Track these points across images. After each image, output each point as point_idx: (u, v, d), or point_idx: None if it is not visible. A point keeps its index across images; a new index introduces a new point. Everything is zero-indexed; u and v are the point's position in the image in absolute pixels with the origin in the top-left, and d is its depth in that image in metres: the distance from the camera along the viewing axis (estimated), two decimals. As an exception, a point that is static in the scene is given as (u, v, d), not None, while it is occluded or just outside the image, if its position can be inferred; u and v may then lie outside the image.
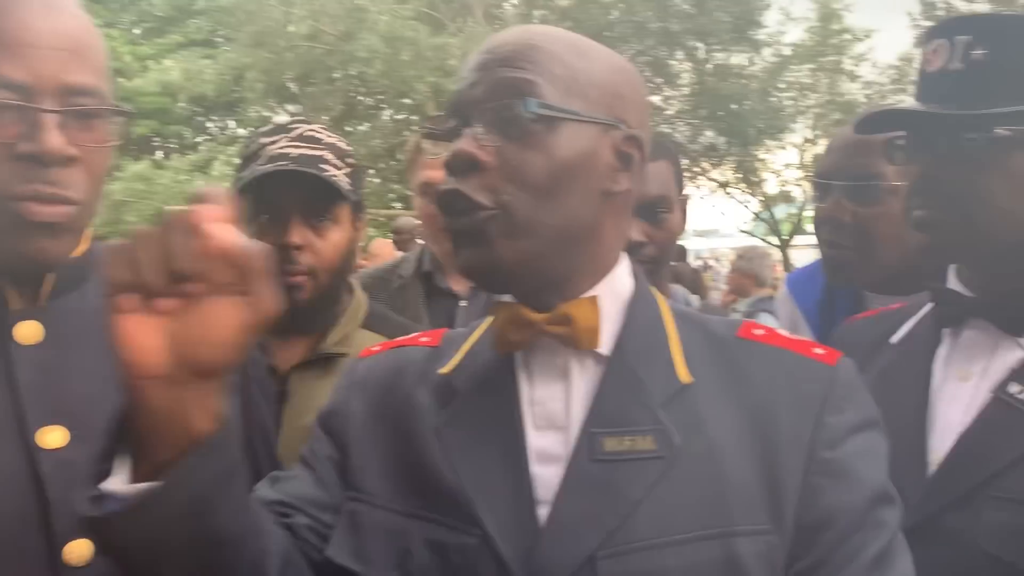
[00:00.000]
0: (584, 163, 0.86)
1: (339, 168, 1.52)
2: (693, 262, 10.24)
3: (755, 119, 18.11)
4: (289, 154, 1.46)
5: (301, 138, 1.49)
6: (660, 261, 1.62)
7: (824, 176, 1.64)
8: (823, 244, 1.67)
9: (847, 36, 22.32)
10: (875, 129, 1.25)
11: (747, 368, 0.89)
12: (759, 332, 0.93)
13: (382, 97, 18.73)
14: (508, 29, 0.91)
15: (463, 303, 2.05)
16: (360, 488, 0.93)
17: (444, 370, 0.95)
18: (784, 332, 0.94)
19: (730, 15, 17.66)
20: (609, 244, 0.92)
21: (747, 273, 5.38)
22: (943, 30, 1.13)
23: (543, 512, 0.84)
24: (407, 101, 18.22)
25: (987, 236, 1.10)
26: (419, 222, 2.48)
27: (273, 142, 1.48)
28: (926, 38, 1.17)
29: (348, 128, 20.15)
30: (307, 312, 1.50)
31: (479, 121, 0.85)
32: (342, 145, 1.54)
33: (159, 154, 20.89)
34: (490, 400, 0.91)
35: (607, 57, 0.91)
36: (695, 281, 6.70)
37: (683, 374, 0.88)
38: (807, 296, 1.89)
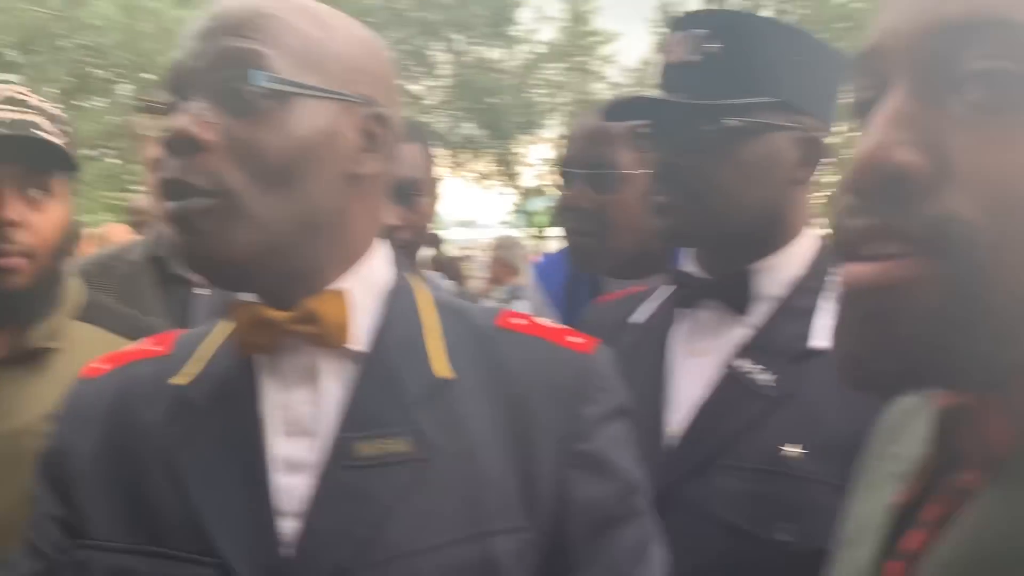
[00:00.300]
0: (323, 143, 0.77)
1: (54, 135, 1.32)
2: (454, 251, 10.37)
3: (511, 113, 18.69)
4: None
5: (5, 100, 1.29)
6: (415, 245, 1.61)
7: (567, 165, 1.68)
8: (567, 231, 1.71)
9: (595, 38, 23.68)
10: (622, 117, 1.28)
11: (505, 359, 0.85)
12: (517, 321, 0.89)
13: (119, 70, 17.23)
14: None
15: (198, 291, 1.90)
16: (89, 535, 0.83)
17: (179, 381, 0.85)
18: (542, 320, 0.92)
19: (487, 9, 18.06)
20: (359, 231, 0.84)
21: (504, 262, 5.53)
22: (684, 23, 1.17)
23: (290, 526, 0.77)
24: (148, 76, 16.90)
25: (718, 221, 1.15)
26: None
27: None
28: (670, 30, 1.20)
29: (79, 103, 18.39)
30: (23, 299, 1.31)
31: (202, 95, 0.75)
32: (53, 110, 1.35)
33: None
34: (230, 410, 0.82)
35: (350, 29, 0.83)
36: (454, 269, 6.77)
37: (443, 369, 0.83)
38: (553, 282, 1.94)
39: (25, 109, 1.30)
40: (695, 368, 1.17)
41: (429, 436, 0.79)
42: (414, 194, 1.58)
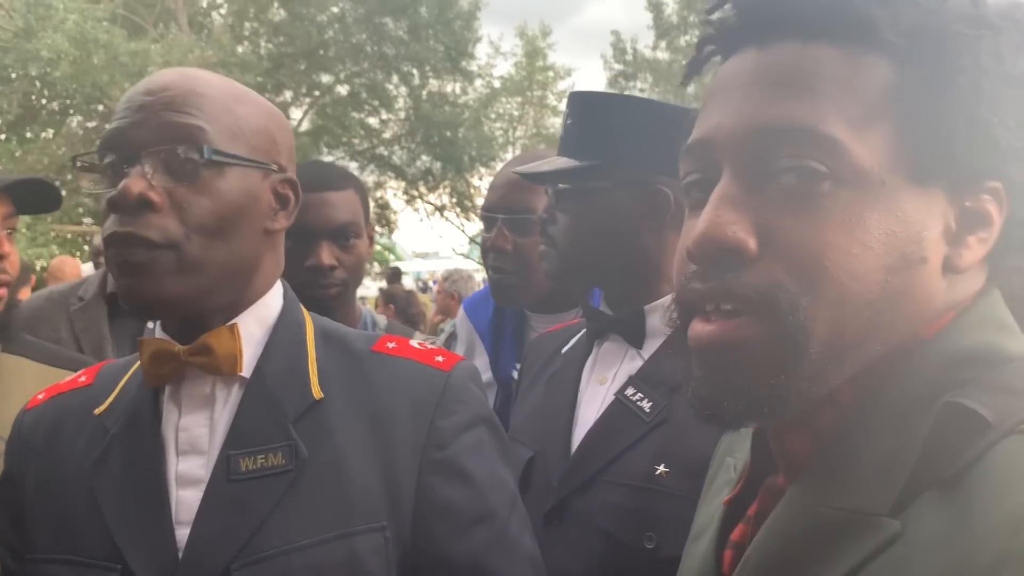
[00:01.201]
0: (248, 204, 0.92)
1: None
2: (412, 283, 10.39)
3: (468, 147, 18.84)
4: None
5: None
6: (349, 283, 1.69)
7: (489, 210, 1.84)
8: (489, 270, 1.85)
9: (551, 73, 24.06)
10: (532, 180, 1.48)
11: (374, 379, 0.96)
12: (391, 345, 1.00)
13: (69, 102, 17.04)
14: (164, 72, 0.93)
15: (151, 324, 1.96)
16: (35, 548, 0.96)
17: (98, 411, 0.98)
18: (415, 343, 1.03)
19: (443, 44, 18.25)
20: (265, 276, 0.98)
21: (452, 294, 5.62)
22: (568, 100, 1.39)
23: (183, 534, 0.89)
24: (100, 108, 16.74)
25: (579, 267, 1.34)
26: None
27: None
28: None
29: (28, 134, 18.11)
30: None
31: (147, 162, 0.87)
32: None
33: None
34: (138, 434, 0.94)
35: (261, 104, 0.98)
36: (408, 301, 6.79)
37: (315, 391, 0.94)
38: (481, 317, 2.07)
39: None
40: (597, 394, 1.31)
41: (301, 450, 0.90)
42: (352, 236, 1.67)
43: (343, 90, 19.10)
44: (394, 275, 9.05)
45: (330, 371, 0.96)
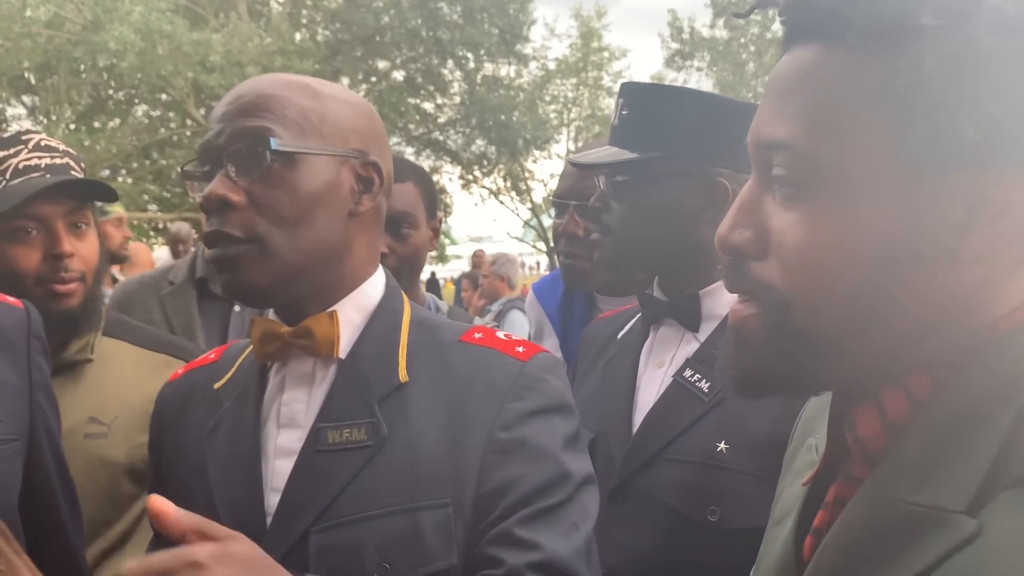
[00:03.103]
0: (327, 191, 0.97)
1: (80, 173, 1.52)
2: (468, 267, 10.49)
3: (522, 130, 18.85)
4: (39, 165, 1.45)
5: (40, 148, 1.47)
6: (401, 272, 1.74)
7: (561, 197, 1.90)
8: (560, 255, 1.92)
9: (606, 54, 23.90)
10: (589, 171, 1.53)
11: (456, 366, 1.01)
12: (478, 336, 1.05)
13: (135, 92, 17.51)
14: (245, 82, 1.01)
15: (237, 308, 2.09)
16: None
17: (217, 385, 1.07)
18: (502, 335, 1.07)
19: (498, 28, 18.26)
20: (360, 259, 1.03)
21: (501, 277, 5.71)
22: (620, 90, 1.42)
23: (275, 500, 0.96)
24: (164, 97, 17.17)
25: (632, 256, 1.38)
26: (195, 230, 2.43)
27: (12, 154, 1.45)
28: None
29: (96, 124, 18.68)
30: (75, 318, 1.48)
31: (229, 166, 0.95)
32: (72, 152, 1.55)
33: None
34: (246, 407, 1.02)
35: (340, 95, 1.03)
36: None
37: (402, 374, 1.00)
38: (550, 300, 2.14)
39: (55, 154, 1.48)
40: (655, 377, 1.36)
41: (382, 428, 0.96)
42: (406, 227, 1.75)
43: (399, 75, 19.25)
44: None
45: (418, 356, 1.01)
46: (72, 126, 17.98)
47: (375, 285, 1.05)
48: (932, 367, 0.59)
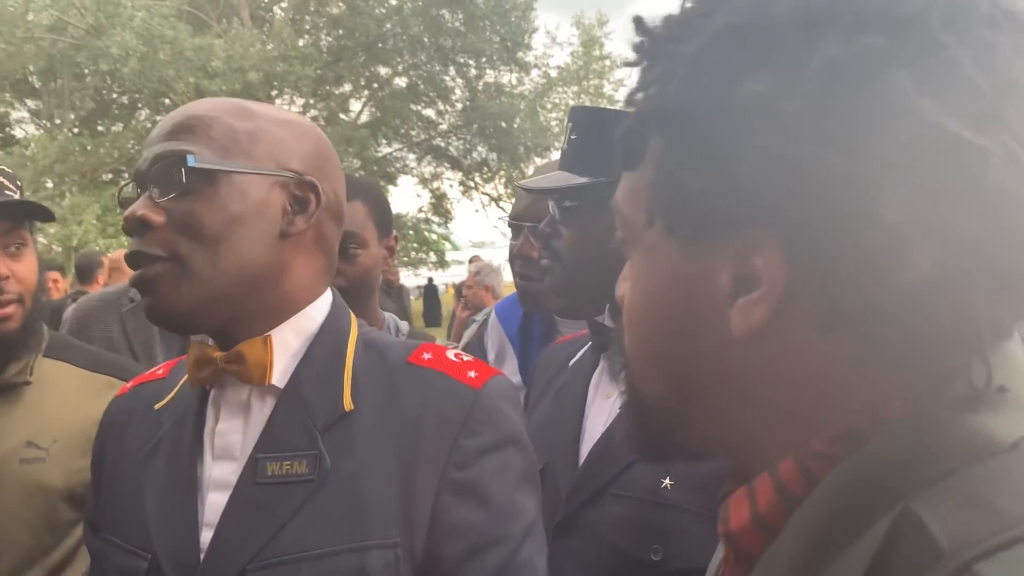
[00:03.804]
0: (252, 211, 0.93)
1: (15, 192, 1.47)
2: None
3: (523, 137, 18.85)
4: None
5: None
6: (351, 294, 1.68)
7: (516, 218, 1.88)
8: (516, 276, 1.89)
9: (607, 62, 23.90)
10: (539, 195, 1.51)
11: (404, 392, 0.96)
12: (426, 356, 1.00)
13: (138, 96, 17.56)
14: (185, 105, 1.00)
15: None
16: (101, 527, 1.02)
17: (157, 406, 1.03)
18: (452, 354, 1.01)
19: (499, 35, 18.28)
20: (299, 283, 0.98)
21: (485, 287, 5.69)
22: (569, 114, 1.41)
23: (209, 536, 0.92)
24: (166, 101, 17.22)
25: (577, 283, 1.35)
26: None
27: None
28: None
29: (100, 127, 18.73)
30: (12, 341, 1.45)
31: (150, 188, 0.93)
32: (8, 171, 1.51)
33: None
34: (182, 434, 0.98)
35: (281, 117, 1.00)
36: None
37: (347, 402, 0.94)
38: (511, 321, 2.12)
39: None
40: (603, 407, 1.32)
41: (325, 461, 0.91)
42: (353, 247, 1.71)
43: (401, 82, 19.29)
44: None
45: (364, 382, 0.96)
46: (75, 130, 18.03)
47: (319, 309, 1.00)
48: (802, 456, 0.51)
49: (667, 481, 1.18)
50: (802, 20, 0.47)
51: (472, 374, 0.97)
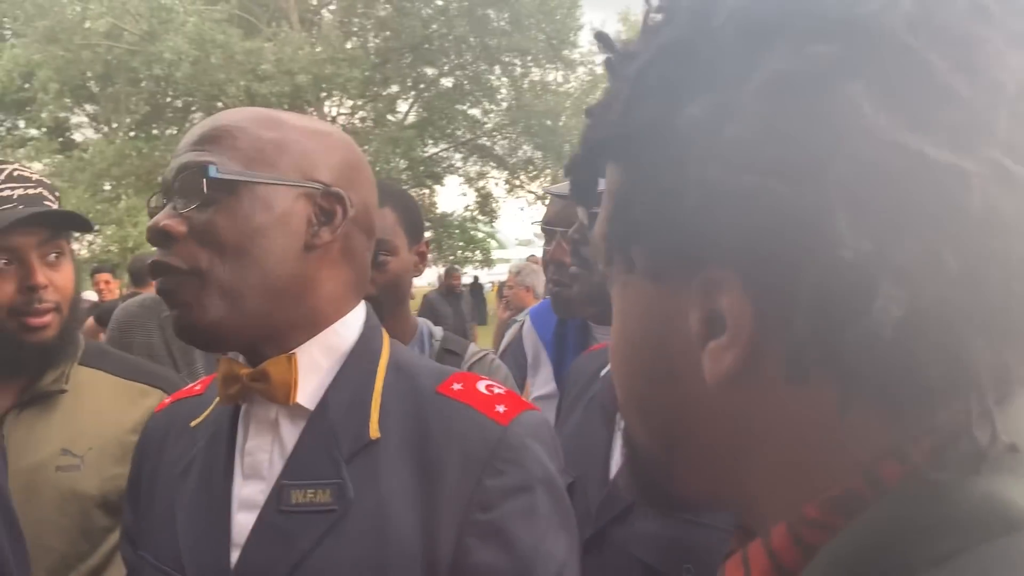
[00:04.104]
0: (275, 221, 0.91)
1: (54, 202, 1.51)
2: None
3: (569, 135, 18.78)
4: (12, 196, 1.44)
5: (13, 178, 1.47)
6: (382, 302, 1.68)
7: (549, 223, 1.84)
8: (548, 282, 1.86)
9: (655, 58, 23.64)
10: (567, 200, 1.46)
11: (431, 424, 0.92)
12: (456, 387, 0.96)
13: (191, 100, 17.92)
14: (214, 115, 0.98)
15: None
16: (138, 544, 1.02)
17: (193, 423, 1.02)
18: (483, 386, 0.97)
19: (544, 34, 18.24)
20: (327, 297, 0.95)
21: (526, 287, 5.64)
22: None
23: (236, 557, 0.91)
24: (219, 105, 17.53)
25: (605, 290, 1.28)
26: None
27: None
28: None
29: (155, 131, 19.15)
30: (49, 350, 1.48)
31: (175, 200, 0.92)
32: (47, 181, 1.54)
33: (-66, 155, 18.96)
34: (214, 452, 0.97)
35: (310, 127, 0.97)
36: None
37: (373, 430, 0.92)
38: (546, 327, 2.10)
39: (28, 184, 1.47)
40: None
41: (348, 491, 0.89)
42: (383, 254, 1.69)
43: (447, 82, 19.37)
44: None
45: (393, 408, 0.93)
46: (131, 133, 18.47)
47: (349, 325, 0.97)
48: (795, 522, 0.44)
49: None
50: (744, 30, 0.42)
51: (501, 408, 0.93)
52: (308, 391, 0.94)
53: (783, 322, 0.41)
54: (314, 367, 0.94)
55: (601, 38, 0.52)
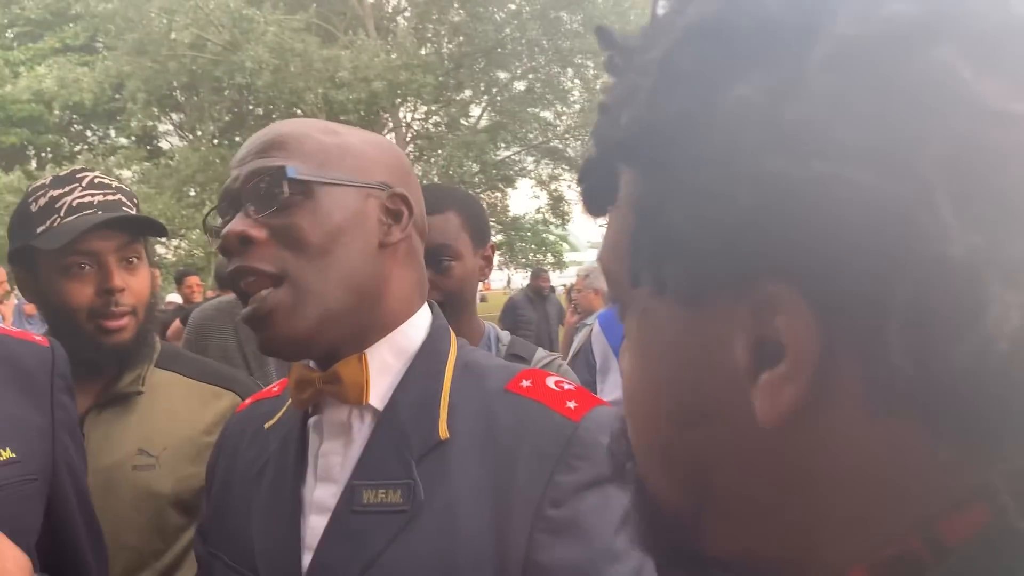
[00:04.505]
0: (353, 221, 0.93)
1: (132, 208, 1.56)
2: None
3: (643, 136, 18.58)
4: (92, 202, 1.50)
5: (93, 185, 1.52)
6: (446, 306, 1.69)
7: None
8: None
9: (731, 58, 23.27)
10: None
11: (501, 421, 0.92)
12: (525, 384, 0.96)
13: (272, 107, 18.39)
14: (268, 126, 1.00)
15: None
16: (212, 540, 1.04)
17: (267, 425, 1.04)
18: (553, 382, 0.96)
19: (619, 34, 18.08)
20: (398, 296, 0.97)
21: (596, 289, 5.60)
22: None
23: (308, 560, 0.92)
24: (298, 112, 17.95)
25: None
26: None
27: (67, 192, 1.50)
28: None
29: (237, 138, 19.72)
30: (126, 352, 1.53)
31: (247, 206, 0.92)
32: (126, 188, 1.60)
33: (34, 164, 19.91)
34: (288, 454, 0.99)
35: (360, 133, 1.01)
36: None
37: (442, 430, 0.92)
38: (615, 331, 2.08)
39: (108, 191, 1.52)
40: None
41: (419, 492, 0.89)
42: (447, 259, 1.70)
43: (520, 86, 19.41)
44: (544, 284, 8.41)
45: (461, 409, 0.93)
46: (215, 141, 19.07)
47: (416, 326, 0.99)
48: None
49: None
50: None
51: (571, 405, 0.92)
52: (379, 392, 0.95)
53: (862, 344, 0.35)
54: (384, 368, 0.95)
55: (602, 33, 0.45)
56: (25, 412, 1.18)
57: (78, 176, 1.52)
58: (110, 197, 1.51)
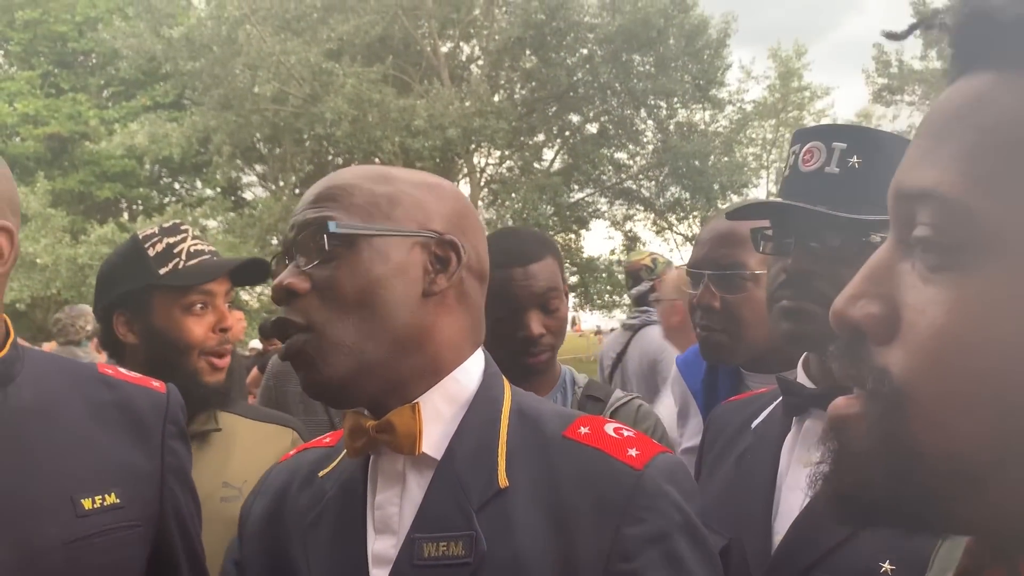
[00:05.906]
0: (394, 272, 0.93)
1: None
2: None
3: (718, 175, 18.44)
4: (204, 250, 1.62)
5: (196, 236, 1.65)
6: (556, 347, 1.73)
7: (695, 266, 1.78)
8: (697, 327, 1.79)
9: (807, 93, 23.02)
10: (749, 217, 1.33)
11: (561, 470, 0.90)
12: (583, 431, 0.94)
13: (350, 156, 18.89)
14: (329, 175, 1.02)
15: None
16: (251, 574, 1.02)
17: (321, 473, 1.02)
18: (611, 429, 0.95)
19: (691, 75, 18.08)
20: (447, 344, 0.96)
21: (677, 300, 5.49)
22: (819, 134, 1.20)
23: None
24: (376, 160, 18.39)
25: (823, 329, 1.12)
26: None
27: (180, 240, 1.61)
28: (799, 139, 1.23)
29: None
30: (224, 390, 1.61)
31: (298, 256, 0.95)
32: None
33: (125, 216, 20.85)
34: (346, 504, 0.97)
35: (412, 178, 1.00)
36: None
37: (502, 478, 0.91)
38: (694, 375, 2.01)
39: (206, 242, 1.64)
40: (800, 477, 1.16)
41: (481, 543, 0.87)
42: (554, 300, 1.71)
43: (592, 128, 19.51)
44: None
45: (519, 455, 0.92)
46: (296, 190, 19.67)
47: (469, 372, 0.97)
48: None
49: (886, 566, 1.02)
50: None
51: (633, 452, 0.90)
52: (433, 440, 0.93)
53: None
54: (437, 416, 0.94)
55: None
56: (134, 458, 1.18)
57: (182, 228, 1.63)
58: (209, 247, 1.63)
